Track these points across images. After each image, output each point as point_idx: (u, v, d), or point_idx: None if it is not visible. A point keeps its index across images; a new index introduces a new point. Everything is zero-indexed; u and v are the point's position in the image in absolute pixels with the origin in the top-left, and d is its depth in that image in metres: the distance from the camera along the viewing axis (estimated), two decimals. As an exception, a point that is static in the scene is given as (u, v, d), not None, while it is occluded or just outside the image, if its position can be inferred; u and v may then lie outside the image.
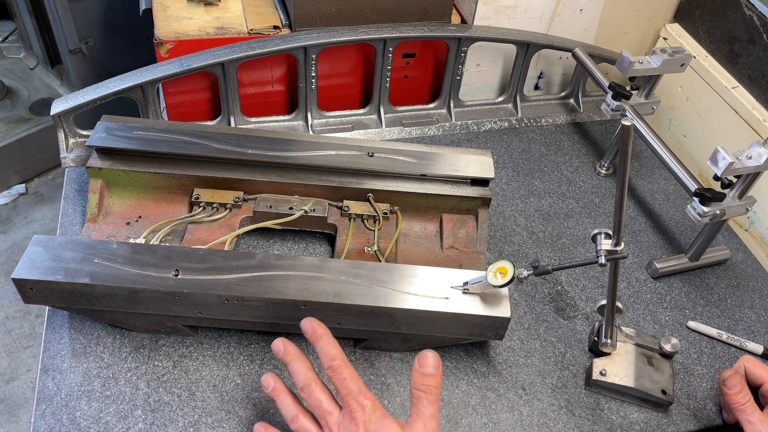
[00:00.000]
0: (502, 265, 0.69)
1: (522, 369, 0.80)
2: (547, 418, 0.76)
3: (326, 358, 0.61)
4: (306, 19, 1.00)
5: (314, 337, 0.62)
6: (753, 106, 1.02)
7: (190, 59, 0.95)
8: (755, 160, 0.78)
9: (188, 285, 0.69)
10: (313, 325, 0.63)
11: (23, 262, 0.70)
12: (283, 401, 0.63)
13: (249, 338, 0.79)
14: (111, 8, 1.85)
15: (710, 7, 1.10)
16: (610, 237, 0.70)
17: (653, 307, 0.89)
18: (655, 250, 0.97)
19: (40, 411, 0.71)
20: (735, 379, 0.71)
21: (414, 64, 1.13)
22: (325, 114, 1.09)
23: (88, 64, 1.96)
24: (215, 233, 0.83)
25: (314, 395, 0.61)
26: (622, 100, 0.98)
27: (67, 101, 0.92)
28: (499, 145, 1.11)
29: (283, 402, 0.63)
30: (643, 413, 0.78)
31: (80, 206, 0.91)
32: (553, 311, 0.87)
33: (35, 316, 1.80)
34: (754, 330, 0.88)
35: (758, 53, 1.02)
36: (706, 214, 0.82)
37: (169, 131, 0.87)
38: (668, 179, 1.09)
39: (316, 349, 0.62)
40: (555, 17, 1.12)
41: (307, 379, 0.61)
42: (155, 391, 0.73)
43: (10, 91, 2.17)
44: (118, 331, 0.78)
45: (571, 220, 1.00)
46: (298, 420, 0.61)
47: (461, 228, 0.89)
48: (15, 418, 1.61)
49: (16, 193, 2.10)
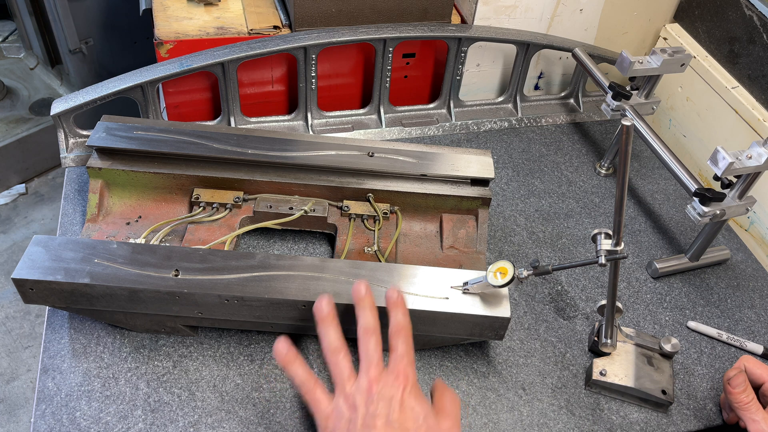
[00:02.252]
0: (502, 265, 0.69)
1: (522, 369, 0.80)
2: (547, 418, 0.76)
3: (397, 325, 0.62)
4: (306, 19, 1.00)
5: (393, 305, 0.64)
6: (753, 106, 1.02)
7: (190, 59, 0.95)
8: (755, 160, 0.78)
9: (188, 285, 0.69)
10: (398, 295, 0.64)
11: (23, 262, 0.70)
12: (300, 369, 0.63)
13: (249, 338, 0.79)
14: (111, 8, 1.85)
15: (710, 7, 1.10)
16: (610, 237, 0.70)
17: (653, 307, 0.89)
18: (655, 250, 0.97)
19: (40, 411, 0.71)
20: (739, 378, 0.71)
21: (414, 64, 1.13)
22: (325, 114, 1.09)
23: (88, 64, 1.96)
24: (215, 233, 0.83)
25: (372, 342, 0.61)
26: (622, 100, 0.98)
27: (67, 101, 0.92)
28: (499, 145, 1.11)
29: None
30: (643, 413, 0.78)
31: (80, 206, 0.91)
32: (553, 311, 0.87)
33: (35, 316, 1.80)
34: (754, 330, 0.88)
35: (758, 53, 1.02)
36: (706, 214, 0.82)
37: (169, 131, 0.87)
38: (668, 179, 1.09)
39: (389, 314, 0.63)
40: (555, 17, 1.12)
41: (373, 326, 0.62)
42: (155, 391, 0.73)
43: (10, 91, 2.17)
44: (118, 331, 0.78)
45: (571, 220, 1.00)
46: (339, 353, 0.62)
47: (461, 228, 0.89)
48: (15, 418, 1.61)
49: (16, 193, 2.10)
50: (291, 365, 0.63)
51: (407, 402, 0.59)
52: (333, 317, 0.63)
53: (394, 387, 0.59)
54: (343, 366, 0.61)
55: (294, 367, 0.62)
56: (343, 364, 0.61)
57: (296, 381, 0.62)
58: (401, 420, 0.57)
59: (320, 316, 0.63)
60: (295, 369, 0.62)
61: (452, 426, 0.60)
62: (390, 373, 0.60)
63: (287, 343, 0.63)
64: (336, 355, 0.61)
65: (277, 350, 0.63)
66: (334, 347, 0.62)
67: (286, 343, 0.63)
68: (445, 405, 0.62)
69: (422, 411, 0.59)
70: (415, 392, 0.60)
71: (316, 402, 0.61)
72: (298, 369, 0.62)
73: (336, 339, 0.62)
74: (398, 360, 0.61)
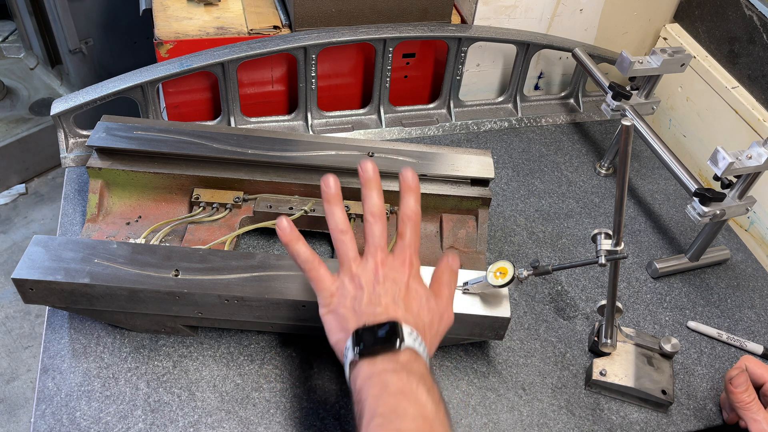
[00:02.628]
0: (502, 265, 0.69)
1: (522, 369, 0.80)
2: (547, 418, 0.76)
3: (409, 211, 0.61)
4: (306, 19, 1.00)
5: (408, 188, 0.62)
6: (753, 106, 1.02)
7: (190, 59, 0.95)
8: (755, 160, 0.78)
9: (188, 285, 0.69)
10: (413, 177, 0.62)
11: (23, 262, 0.70)
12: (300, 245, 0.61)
13: (249, 338, 0.79)
14: (111, 8, 1.85)
15: (710, 7, 1.10)
16: (610, 237, 0.70)
17: (653, 307, 0.89)
18: (655, 250, 0.97)
19: (40, 411, 0.71)
20: (741, 378, 0.71)
21: (414, 64, 1.13)
22: (325, 114, 1.09)
23: (88, 64, 1.96)
24: (215, 233, 0.83)
25: (378, 226, 0.60)
26: (622, 100, 0.98)
27: (67, 101, 0.92)
28: (499, 145, 1.11)
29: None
30: (643, 413, 0.78)
31: (80, 206, 0.91)
32: (553, 311, 0.87)
33: (35, 316, 1.80)
34: (754, 330, 0.88)
35: (758, 53, 1.02)
36: (706, 214, 0.82)
37: (169, 131, 0.87)
38: (668, 179, 1.09)
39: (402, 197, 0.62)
40: (555, 17, 1.12)
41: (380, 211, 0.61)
42: (155, 391, 0.73)
43: (10, 91, 2.17)
44: (118, 331, 0.78)
45: (571, 220, 0.99)
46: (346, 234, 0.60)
47: (461, 228, 0.89)
48: (15, 418, 1.61)
49: (16, 193, 2.10)
50: (295, 243, 0.60)
51: (412, 285, 0.59)
52: (340, 197, 0.61)
53: (400, 272, 0.59)
54: (349, 246, 0.60)
55: (298, 245, 0.60)
56: (350, 244, 0.60)
57: (299, 259, 0.60)
58: (406, 300, 0.58)
59: (328, 194, 0.61)
60: (298, 247, 0.60)
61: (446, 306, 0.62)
62: (396, 258, 0.60)
63: (290, 222, 0.61)
64: (343, 235, 0.60)
65: (281, 227, 0.60)
66: (341, 227, 0.60)
67: (290, 222, 0.61)
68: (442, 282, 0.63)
69: (425, 294, 0.60)
70: (419, 278, 0.60)
71: (319, 279, 0.60)
72: (302, 247, 0.61)
73: (343, 220, 0.60)
74: (405, 247, 0.60)
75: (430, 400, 0.52)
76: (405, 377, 0.53)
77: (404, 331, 0.55)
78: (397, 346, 0.54)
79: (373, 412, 0.51)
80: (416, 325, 0.57)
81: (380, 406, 0.51)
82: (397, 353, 0.54)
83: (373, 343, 0.55)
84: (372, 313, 0.57)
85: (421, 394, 0.52)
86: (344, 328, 0.57)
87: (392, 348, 0.54)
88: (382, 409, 0.51)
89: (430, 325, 0.59)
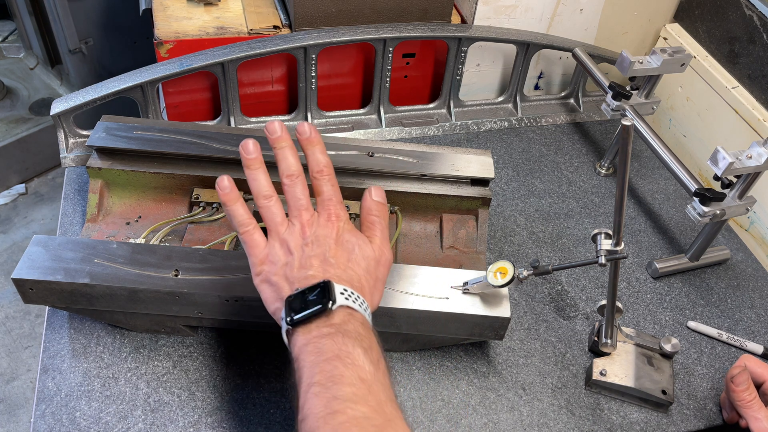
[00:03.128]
0: (502, 265, 0.69)
1: (522, 369, 0.80)
2: (548, 418, 0.76)
3: (317, 165, 0.60)
4: (306, 19, 1.00)
5: (308, 141, 0.60)
6: (753, 106, 1.02)
7: (190, 59, 0.95)
8: (755, 160, 0.78)
9: (188, 285, 0.69)
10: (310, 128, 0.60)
11: (23, 262, 0.70)
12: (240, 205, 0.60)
13: (249, 338, 0.79)
14: (111, 8, 1.85)
15: (710, 7, 1.10)
16: (610, 237, 0.70)
17: (653, 307, 0.89)
18: (655, 250, 0.97)
19: (40, 411, 0.71)
20: (743, 377, 0.71)
21: (414, 64, 1.13)
22: (325, 114, 1.09)
23: (88, 64, 1.96)
24: (215, 233, 0.83)
25: (298, 187, 0.59)
26: (622, 100, 0.98)
27: (67, 101, 0.92)
28: (499, 145, 1.11)
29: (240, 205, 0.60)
30: (643, 413, 0.78)
31: (80, 206, 0.91)
32: (553, 311, 0.87)
33: (35, 316, 1.80)
34: (754, 330, 0.88)
35: (758, 53, 1.02)
36: (706, 214, 0.82)
37: (169, 131, 0.87)
38: (668, 179, 1.09)
39: (306, 155, 0.60)
40: (555, 17, 1.12)
41: (297, 170, 0.60)
42: (155, 391, 0.73)
43: (10, 91, 2.17)
44: (118, 331, 0.78)
45: (571, 220, 0.99)
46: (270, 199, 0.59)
47: (461, 228, 0.89)
48: (15, 418, 1.61)
49: (16, 193, 2.10)
50: (233, 203, 0.59)
51: (342, 238, 0.58)
52: (261, 161, 0.60)
53: (327, 227, 0.58)
54: (275, 211, 0.59)
55: (236, 205, 0.60)
56: (276, 209, 0.59)
57: (235, 221, 0.59)
58: (337, 256, 0.57)
59: (247, 160, 0.60)
60: (236, 208, 0.59)
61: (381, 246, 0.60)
62: (321, 215, 0.59)
63: (231, 182, 0.60)
64: (268, 200, 0.59)
65: (221, 186, 0.59)
66: (265, 193, 0.59)
67: (231, 182, 0.60)
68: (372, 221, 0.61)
69: (357, 242, 0.59)
70: (348, 227, 0.59)
71: (253, 244, 0.59)
72: (240, 208, 0.60)
73: (266, 184, 0.60)
74: (326, 202, 0.59)
75: (367, 360, 0.52)
76: (340, 340, 0.52)
77: (336, 290, 0.54)
78: (330, 307, 0.53)
79: (310, 380, 0.50)
80: (350, 279, 0.57)
81: (316, 374, 0.50)
82: (331, 315, 0.53)
83: (304, 308, 0.54)
84: (303, 277, 0.56)
85: (358, 356, 0.51)
86: (279, 296, 0.57)
87: (325, 311, 0.53)
88: (318, 377, 0.50)
89: (366, 273, 0.58)
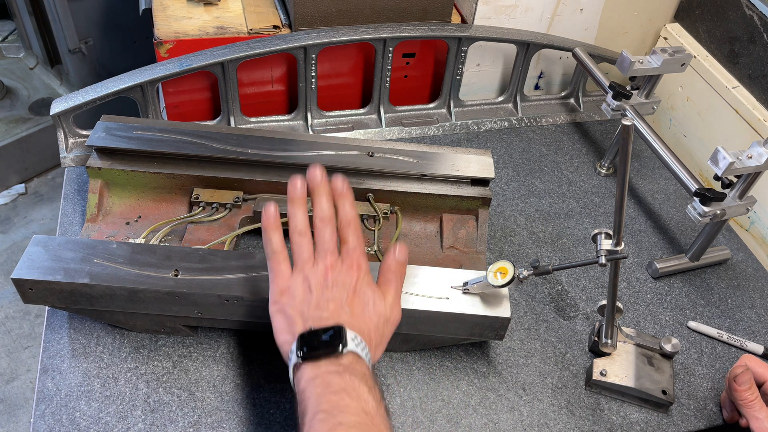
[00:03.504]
0: (502, 265, 0.69)
1: (522, 369, 0.80)
2: (548, 419, 0.76)
3: (346, 217, 0.63)
4: (306, 19, 1.00)
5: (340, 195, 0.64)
6: (753, 106, 1.02)
7: (190, 59, 0.95)
8: (755, 160, 0.78)
9: (188, 285, 0.69)
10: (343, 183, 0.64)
11: (23, 262, 0.69)
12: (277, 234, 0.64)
13: (249, 338, 0.79)
14: (111, 8, 1.85)
15: (710, 7, 1.10)
16: (610, 237, 0.70)
17: (653, 307, 0.89)
18: (656, 250, 0.97)
19: (39, 411, 0.71)
20: (745, 376, 0.71)
21: (414, 64, 1.13)
22: (325, 114, 1.08)
23: (88, 64, 1.96)
24: (215, 233, 0.83)
25: (328, 231, 0.62)
26: (622, 100, 0.98)
27: (67, 101, 0.92)
28: (499, 145, 1.11)
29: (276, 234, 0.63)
30: (643, 413, 0.77)
31: (80, 206, 0.91)
32: (553, 311, 0.87)
33: (35, 316, 1.80)
34: (754, 330, 0.88)
35: (758, 53, 1.02)
36: (707, 214, 0.82)
37: (169, 131, 0.87)
38: (668, 179, 1.09)
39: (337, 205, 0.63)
40: (555, 17, 1.12)
41: (329, 216, 0.63)
42: (155, 391, 0.73)
43: (9, 91, 2.17)
44: (118, 331, 0.78)
45: (571, 220, 0.99)
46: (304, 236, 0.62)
47: (461, 228, 0.89)
48: (15, 418, 1.61)
49: (16, 193, 2.10)
50: (273, 231, 0.63)
51: (359, 289, 0.61)
52: (305, 199, 0.64)
53: (348, 275, 0.61)
54: (305, 248, 0.62)
55: (274, 234, 0.63)
56: (306, 246, 0.62)
57: (270, 247, 0.63)
58: (353, 305, 0.60)
59: (293, 195, 0.64)
60: (274, 236, 0.63)
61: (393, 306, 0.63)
62: (344, 262, 0.62)
63: (277, 211, 0.63)
64: (301, 237, 0.62)
65: (268, 211, 0.63)
66: (300, 229, 0.63)
67: (277, 211, 0.63)
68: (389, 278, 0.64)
69: (372, 297, 0.61)
70: (367, 280, 0.62)
71: (278, 272, 0.62)
72: (276, 237, 0.63)
73: (303, 222, 0.63)
74: (351, 252, 0.62)
75: (371, 397, 0.55)
76: (347, 377, 0.55)
77: (348, 336, 0.57)
78: (340, 350, 0.56)
79: (316, 408, 0.53)
80: (361, 330, 0.59)
81: (323, 403, 0.53)
82: (340, 356, 0.56)
83: (317, 347, 0.57)
84: (318, 317, 0.59)
85: (363, 392, 0.54)
86: (291, 330, 0.59)
87: (335, 352, 0.56)
88: (325, 406, 0.53)
89: (375, 329, 0.61)
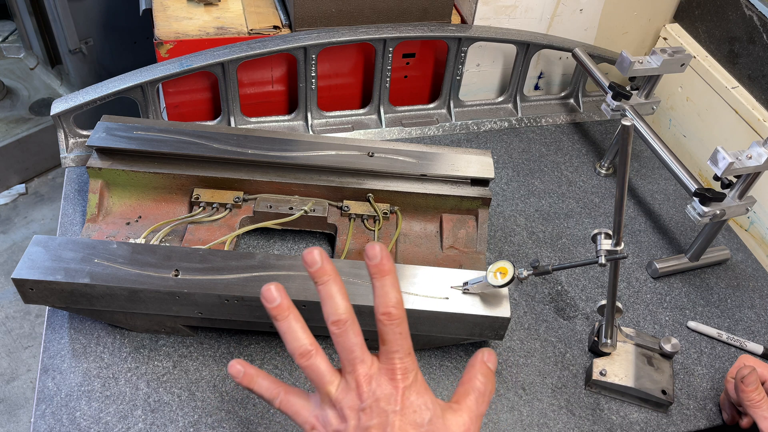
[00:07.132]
0: (502, 265, 0.69)
1: (522, 369, 0.80)
2: (547, 418, 0.76)
3: (386, 305, 0.48)
4: (306, 19, 1.00)
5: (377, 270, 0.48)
6: (753, 106, 1.02)
7: (190, 59, 0.95)
8: (755, 160, 0.78)
9: (188, 285, 0.69)
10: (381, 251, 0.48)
11: (23, 262, 0.70)
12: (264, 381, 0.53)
13: (249, 338, 0.79)
14: (111, 8, 1.85)
15: (710, 7, 1.10)
16: (610, 237, 0.70)
17: (653, 307, 0.89)
18: (655, 250, 0.97)
19: (40, 411, 0.71)
20: (752, 377, 0.70)
21: (414, 64, 1.13)
22: (325, 114, 1.09)
23: (88, 64, 1.96)
24: (215, 233, 0.83)
25: (349, 335, 0.49)
26: (622, 100, 0.98)
27: (67, 101, 0.92)
28: (499, 145, 1.11)
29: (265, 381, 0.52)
30: (643, 413, 0.78)
31: (80, 206, 0.91)
32: (553, 311, 0.87)
33: (35, 316, 1.80)
34: (754, 330, 0.88)
35: (758, 53, 1.02)
36: (706, 214, 0.82)
37: (169, 131, 0.87)
38: (668, 179, 1.09)
39: (374, 286, 0.49)
40: (555, 17, 1.12)
41: (346, 314, 0.49)
42: (155, 391, 0.73)
43: (10, 91, 2.17)
44: (118, 331, 0.78)
45: (571, 220, 1.00)
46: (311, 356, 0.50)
47: (461, 228, 0.89)
48: (15, 418, 1.61)
49: (16, 193, 2.10)
50: (254, 383, 0.52)
51: (408, 401, 0.48)
52: (289, 306, 0.49)
53: (389, 386, 0.48)
54: (321, 367, 0.50)
55: (257, 382, 0.52)
56: (320, 364, 0.50)
57: (265, 396, 0.52)
58: (403, 428, 0.48)
59: (274, 310, 0.49)
60: (258, 384, 0.52)
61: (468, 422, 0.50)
62: (382, 370, 0.49)
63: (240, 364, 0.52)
64: (308, 358, 0.49)
65: (234, 374, 0.52)
66: (302, 350, 0.49)
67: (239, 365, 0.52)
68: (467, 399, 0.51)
69: (427, 411, 0.49)
70: (417, 388, 0.49)
71: (295, 413, 0.52)
72: (262, 382, 0.52)
73: (302, 336, 0.50)
74: (392, 355, 0.49)
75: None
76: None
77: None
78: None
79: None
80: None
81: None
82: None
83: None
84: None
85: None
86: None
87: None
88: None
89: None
